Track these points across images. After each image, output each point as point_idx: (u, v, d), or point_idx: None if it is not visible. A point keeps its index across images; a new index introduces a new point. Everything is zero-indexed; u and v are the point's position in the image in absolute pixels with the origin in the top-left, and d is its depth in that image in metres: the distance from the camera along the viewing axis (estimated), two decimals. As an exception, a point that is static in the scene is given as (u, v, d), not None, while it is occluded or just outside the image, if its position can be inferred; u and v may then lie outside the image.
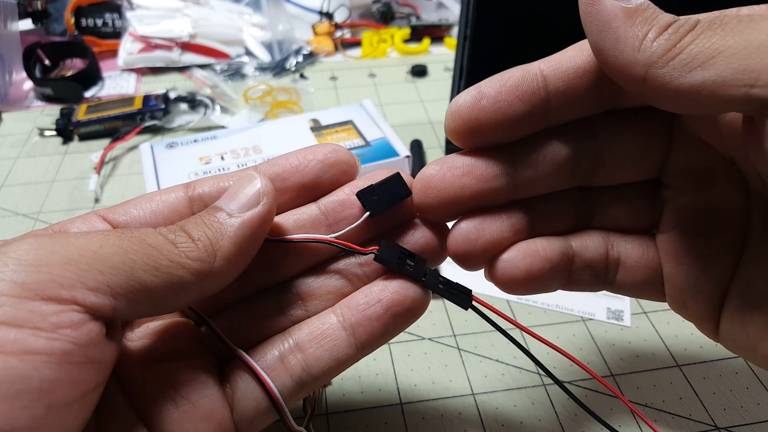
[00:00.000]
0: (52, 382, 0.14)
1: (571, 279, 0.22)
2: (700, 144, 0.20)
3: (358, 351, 0.21)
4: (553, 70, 0.19)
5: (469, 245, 0.21)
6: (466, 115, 0.20)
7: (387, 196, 0.22)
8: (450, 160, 0.21)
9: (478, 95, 0.20)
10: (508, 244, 0.22)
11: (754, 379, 0.32)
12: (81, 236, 0.17)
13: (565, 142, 0.21)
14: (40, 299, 0.15)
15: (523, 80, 0.19)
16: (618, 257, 0.22)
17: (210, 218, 0.19)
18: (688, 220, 0.21)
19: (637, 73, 0.17)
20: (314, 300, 0.22)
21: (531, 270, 0.21)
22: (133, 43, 0.60)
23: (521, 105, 0.19)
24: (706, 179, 0.21)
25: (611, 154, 0.21)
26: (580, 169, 0.21)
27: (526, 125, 0.20)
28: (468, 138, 0.21)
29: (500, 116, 0.20)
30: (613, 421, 0.30)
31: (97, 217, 0.20)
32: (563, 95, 0.20)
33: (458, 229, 0.22)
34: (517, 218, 0.22)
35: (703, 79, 0.15)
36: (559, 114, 0.20)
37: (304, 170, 0.22)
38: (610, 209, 0.22)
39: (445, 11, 0.70)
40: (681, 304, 0.22)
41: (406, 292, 0.21)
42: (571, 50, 0.20)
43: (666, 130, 0.21)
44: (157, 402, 0.19)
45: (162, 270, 0.17)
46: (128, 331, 0.21)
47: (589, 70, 0.19)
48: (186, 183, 0.22)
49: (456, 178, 0.21)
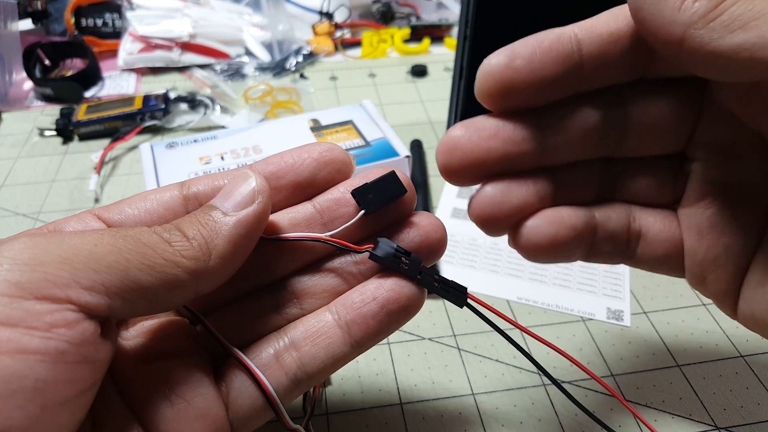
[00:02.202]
0: (47, 382, 0.14)
1: (593, 250, 0.22)
2: (729, 118, 0.20)
3: (353, 349, 0.21)
4: (588, 33, 0.19)
5: (494, 209, 0.21)
6: (498, 75, 0.19)
7: (382, 195, 0.22)
8: (477, 122, 0.21)
9: (512, 55, 0.19)
10: (533, 210, 0.21)
11: (754, 379, 0.32)
12: (75, 235, 0.17)
13: (595, 109, 0.21)
14: (35, 298, 0.15)
15: (557, 42, 0.19)
16: (639, 230, 0.22)
17: (205, 217, 0.19)
18: (712, 195, 0.21)
19: (676, 33, 0.16)
20: (309, 298, 0.22)
21: (556, 237, 0.21)
22: (133, 43, 0.60)
23: (555, 67, 0.19)
24: (733, 154, 0.20)
25: (639, 124, 0.21)
26: (607, 138, 0.21)
27: (559, 89, 0.20)
28: (499, 99, 0.20)
29: (533, 78, 0.19)
30: (613, 421, 0.30)
31: (92, 216, 0.20)
32: (596, 60, 0.19)
33: (483, 192, 0.21)
34: (542, 185, 0.21)
35: (744, 40, 0.15)
36: (592, 79, 0.20)
37: (299, 169, 0.22)
38: (634, 182, 0.22)
39: (445, 11, 0.70)
40: (700, 279, 0.21)
41: (401, 290, 0.21)
42: (605, 15, 0.19)
43: (695, 103, 0.21)
44: (152, 401, 0.19)
45: (157, 269, 0.17)
46: (123, 329, 0.21)
47: (623, 36, 0.19)
48: (181, 182, 0.22)
49: (483, 140, 0.20)
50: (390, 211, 0.22)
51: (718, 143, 0.21)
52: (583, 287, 0.37)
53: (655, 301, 0.36)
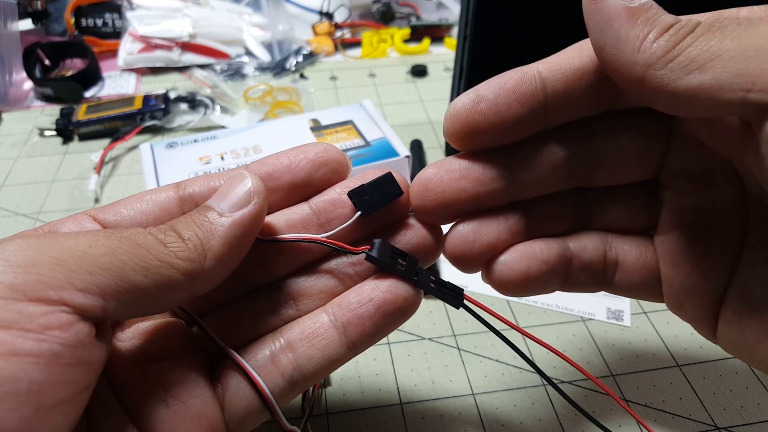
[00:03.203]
0: (41, 384, 0.14)
1: (569, 280, 0.22)
2: (699, 146, 0.20)
3: (349, 350, 0.21)
4: (552, 71, 0.19)
5: (466, 248, 0.21)
6: (464, 118, 0.20)
7: (378, 196, 0.22)
8: (447, 163, 0.21)
9: (476, 98, 0.19)
10: (505, 246, 0.22)
11: (754, 379, 0.32)
12: (70, 237, 0.17)
13: (563, 144, 0.21)
14: (29, 300, 0.15)
15: (521, 83, 0.19)
16: (616, 258, 0.22)
17: (200, 218, 0.19)
18: (685, 222, 0.21)
19: (636, 73, 0.16)
20: (306, 299, 0.22)
21: (528, 272, 0.21)
22: (133, 43, 0.60)
23: (519, 108, 0.19)
24: (704, 181, 0.20)
25: (609, 155, 0.21)
26: (577, 171, 0.21)
27: (525, 127, 0.20)
28: (466, 141, 0.21)
29: (498, 119, 0.19)
30: (613, 421, 0.30)
31: (88, 217, 0.20)
32: (561, 96, 0.19)
33: (455, 231, 0.22)
34: (514, 220, 0.22)
35: (701, 81, 0.15)
36: (558, 115, 0.20)
37: (295, 169, 0.22)
38: (608, 210, 0.22)
39: (445, 11, 0.70)
40: (678, 305, 0.22)
41: (397, 291, 0.21)
42: (569, 51, 0.20)
43: (664, 132, 0.21)
44: (148, 402, 0.19)
45: (152, 270, 0.17)
46: (119, 331, 0.21)
47: (587, 71, 0.19)
48: (176, 182, 0.22)
49: (453, 181, 0.21)
50: (386, 212, 0.22)
51: (689, 171, 0.21)
52: (583, 287, 0.37)
53: (655, 301, 0.36)
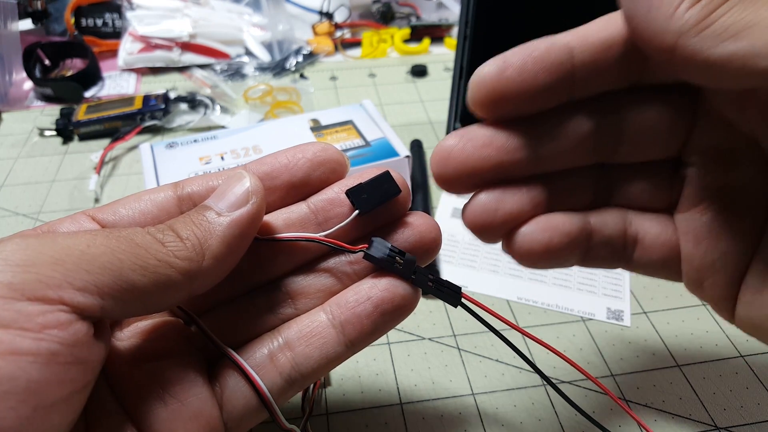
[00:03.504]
0: (39, 383, 0.14)
1: (589, 255, 0.22)
2: (724, 123, 0.20)
3: (347, 349, 0.21)
4: (580, 41, 0.19)
5: (488, 217, 0.21)
6: (490, 84, 0.19)
7: (376, 195, 0.22)
8: (470, 132, 0.21)
9: (503, 65, 0.19)
10: (527, 217, 0.21)
11: (754, 379, 0.32)
12: (68, 236, 0.17)
13: (588, 116, 0.21)
14: (27, 299, 0.15)
15: (549, 51, 0.19)
16: (636, 235, 0.22)
17: (199, 217, 0.19)
18: (708, 200, 0.21)
19: (668, 42, 0.16)
20: (304, 298, 0.22)
21: (550, 243, 0.21)
22: (133, 43, 0.60)
23: (546, 76, 0.19)
24: (729, 159, 0.20)
25: (633, 130, 0.21)
26: (601, 145, 0.21)
27: (550, 97, 0.20)
28: (490, 108, 0.20)
29: (525, 87, 0.19)
30: (613, 421, 0.30)
31: (86, 217, 0.20)
32: (589, 67, 0.19)
33: (477, 200, 0.21)
34: (536, 192, 0.21)
35: (735, 49, 0.15)
36: (584, 87, 0.20)
37: (293, 169, 0.22)
38: (630, 187, 0.22)
39: (445, 11, 0.70)
40: (698, 284, 0.21)
41: (395, 290, 0.21)
42: (598, 22, 0.19)
43: (690, 108, 0.21)
44: (146, 401, 0.19)
45: (150, 269, 0.17)
46: (117, 330, 0.21)
47: (615, 43, 0.19)
48: (175, 182, 0.22)
49: (476, 149, 0.20)
50: (384, 211, 0.22)
51: (714, 149, 0.21)
52: (583, 287, 0.37)
53: (655, 301, 0.36)
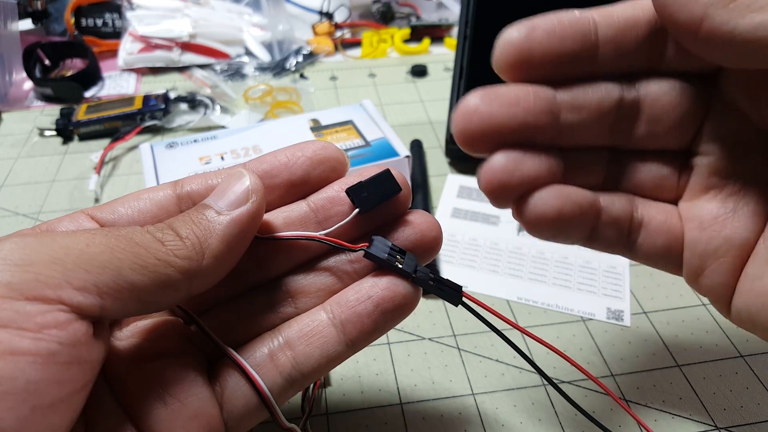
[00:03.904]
0: (38, 383, 0.14)
1: (595, 234, 0.22)
2: (738, 115, 0.20)
3: (348, 348, 0.21)
4: (605, 18, 0.20)
5: (505, 177, 0.20)
6: (518, 46, 0.20)
7: (377, 193, 0.22)
8: (496, 90, 0.20)
9: (532, 27, 0.20)
10: (542, 184, 0.21)
11: (754, 379, 0.32)
12: (67, 235, 0.16)
13: (612, 90, 0.21)
14: (26, 299, 0.15)
15: (576, 21, 0.20)
16: (641, 220, 0.22)
17: (198, 216, 0.19)
18: (716, 188, 0.21)
19: (696, 13, 0.17)
20: (304, 297, 0.22)
21: (562, 211, 0.21)
22: (133, 43, 0.60)
23: (573, 43, 0.20)
24: (740, 151, 0.21)
25: (651, 113, 0.21)
26: (620, 124, 0.21)
27: (574, 66, 0.20)
28: (517, 70, 0.20)
29: (552, 50, 0.20)
30: (613, 421, 0.30)
31: (85, 216, 0.20)
32: (612, 44, 0.20)
33: (495, 159, 0.21)
34: (554, 162, 0.21)
35: (762, 20, 0.15)
36: (606, 63, 0.20)
37: (292, 167, 0.22)
38: (639, 174, 0.23)
39: (445, 11, 0.70)
40: (698, 272, 0.22)
41: (396, 289, 0.21)
42: (623, 4, 0.20)
43: (704, 97, 0.21)
44: (146, 401, 0.19)
45: (149, 268, 0.17)
46: (117, 330, 0.21)
47: (639, 24, 0.20)
48: (174, 181, 0.22)
49: (503, 106, 0.20)
50: (385, 209, 0.22)
51: (725, 138, 0.21)
52: (583, 287, 0.37)
53: (655, 301, 0.36)
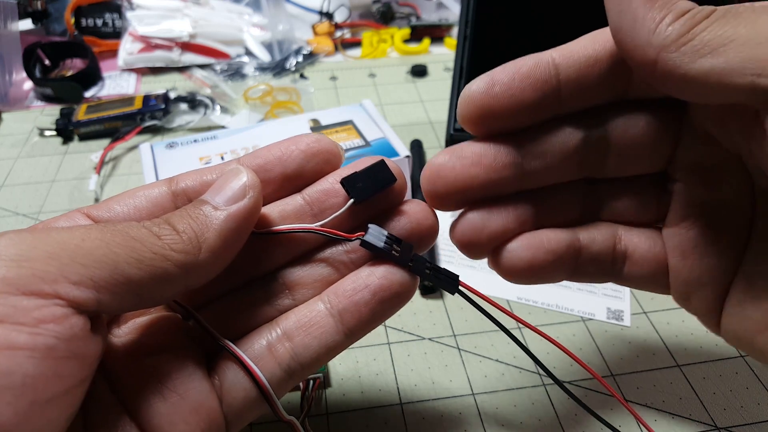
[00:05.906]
0: (36, 378, 0.14)
1: (578, 271, 0.22)
2: (708, 140, 0.20)
3: (346, 337, 0.21)
4: (566, 58, 0.20)
5: (474, 235, 0.22)
6: (478, 101, 0.20)
7: (372, 183, 0.22)
8: (459, 150, 0.21)
9: (491, 82, 0.20)
10: (513, 235, 0.22)
11: (754, 379, 0.32)
12: (63, 231, 0.16)
13: (575, 132, 0.21)
14: (22, 294, 0.15)
15: (535, 68, 0.20)
16: (626, 250, 0.22)
17: (195, 211, 0.19)
18: (694, 215, 0.21)
19: (650, 55, 0.17)
20: (301, 289, 0.22)
21: (533, 261, 0.21)
22: (133, 43, 0.60)
23: (533, 92, 0.20)
24: (713, 175, 0.21)
25: (620, 143, 0.21)
26: (588, 159, 0.21)
27: (538, 112, 0.20)
28: (480, 124, 0.21)
29: (512, 103, 0.20)
30: (614, 421, 0.30)
31: (81, 215, 0.20)
32: (574, 83, 0.20)
33: (465, 219, 0.22)
34: (523, 209, 0.22)
35: (712, 66, 0.16)
36: (570, 102, 0.20)
37: (286, 161, 0.22)
38: (618, 202, 0.23)
39: (445, 11, 0.70)
40: (685, 297, 0.22)
41: (393, 277, 0.21)
42: (583, 40, 0.20)
43: (675, 124, 0.21)
44: (145, 395, 0.19)
45: (146, 262, 0.17)
46: (115, 327, 0.21)
47: (600, 59, 0.20)
48: (169, 177, 0.22)
49: (465, 168, 0.21)
50: (380, 199, 0.22)
51: (698, 164, 0.21)
52: (583, 287, 0.37)
53: (655, 301, 0.36)
